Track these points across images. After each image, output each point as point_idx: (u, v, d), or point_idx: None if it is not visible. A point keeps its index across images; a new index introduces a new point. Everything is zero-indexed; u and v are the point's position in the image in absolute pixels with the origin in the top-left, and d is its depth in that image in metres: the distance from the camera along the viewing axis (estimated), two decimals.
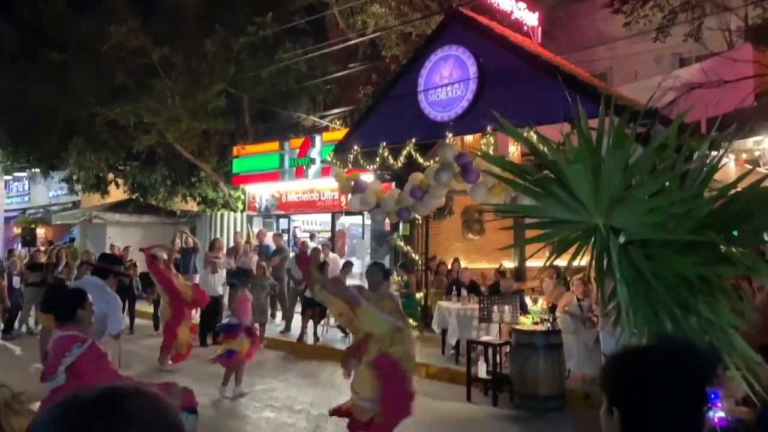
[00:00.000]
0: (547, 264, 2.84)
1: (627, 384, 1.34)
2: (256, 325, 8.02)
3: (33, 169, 19.24)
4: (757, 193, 2.26)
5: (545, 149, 2.72)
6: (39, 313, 3.32)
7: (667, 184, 2.35)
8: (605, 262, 2.56)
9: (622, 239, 2.48)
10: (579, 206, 2.53)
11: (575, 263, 2.70)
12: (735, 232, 2.34)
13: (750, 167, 10.20)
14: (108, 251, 14.27)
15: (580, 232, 2.61)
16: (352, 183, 10.30)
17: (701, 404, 1.32)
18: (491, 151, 8.83)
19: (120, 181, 17.15)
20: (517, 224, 4.03)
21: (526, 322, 7.51)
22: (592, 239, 2.60)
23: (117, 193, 17.76)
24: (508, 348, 7.59)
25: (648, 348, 1.39)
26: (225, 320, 7.79)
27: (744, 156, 10.48)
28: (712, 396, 2.89)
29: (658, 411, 1.28)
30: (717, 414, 2.67)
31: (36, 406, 5.21)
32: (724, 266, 2.25)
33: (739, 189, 2.43)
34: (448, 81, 9.68)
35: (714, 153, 2.70)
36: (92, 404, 0.88)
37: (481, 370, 7.50)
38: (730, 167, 8.88)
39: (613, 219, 2.44)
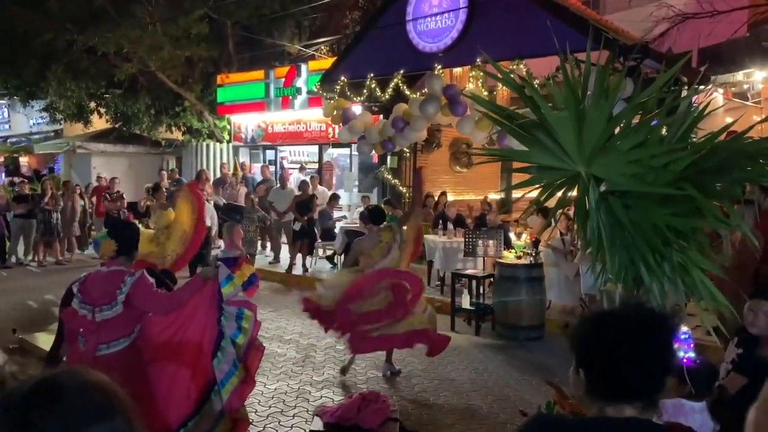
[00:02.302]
0: (532, 209, 2.91)
1: (595, 348, 1.42)
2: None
3: (12, 97, 18.73)
4: (737, 146, 2.29)
5: (531, 93, 2.71)
6: (107, 240, 3.55)
7: (649, 136, 2.37)
8: (586, 209, 2.63)
9: (603, 188, 2.53)
10: (563, 154, 2.55)
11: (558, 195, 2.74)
12: (717, 185, 2.39)
13: (737, 101, 10.21)
14: (95, 182, 14.21)
15: (564, 178, 2.65)
16: (341, 113, 10.20)
17: (665, 368, 1.41)
18: (480, 84, 8.73)
19: (102, 110, 16.79)
20: (505, 168, 4.09)
21: (509, 256, 7.69)
22: (576, 186, 2.65)
23: (100, 123, 17.44)
24: (491, 280, 7.81)
25: (616, 313, 1.46)
26: (218, 253, 7.83)
27: (732, 89, 10.43)
28: (685, 336, 3.04)
29: (624, 375, 1.37)
30: (686, 354, 2.82)
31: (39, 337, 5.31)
32: (699, 218, 2.31)
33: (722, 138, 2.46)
34: (437, 10, 9.42)
35: (702, 89, 2.70)
36: (27, 398, 0.92)
37: (465, 301, 7.74)
38: (717, 102, 8.88)
39: (594, 168, 2.48)
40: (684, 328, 2.88)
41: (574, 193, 2.66)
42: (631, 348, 1.36)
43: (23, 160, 20.63)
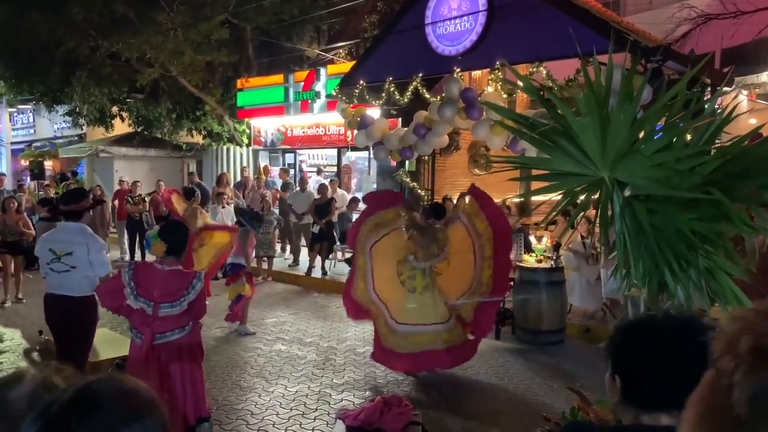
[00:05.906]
0: (553, 215, 2.90)
1: (633, 356, 1.42)
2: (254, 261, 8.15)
3: (37, 102, 19.10)
4: (763, 150, 2.27)
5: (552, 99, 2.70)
6: (158, 241, 3.72)
7: (675, 139, 2.36)
8: (609, 214, 2.62)
9: (627, 192, 2.51)
10: (585, 159, 2.54)
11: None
12: (743, 189, 2.36)
13: (762, 103, 10.06)
14: (117, 186, 14.44)
15: (587, 184, 2.64)
16: (358, 118, 10.25)
17: (698, 379, 1.40)
18: (499, 87, 8.70)
19: (124, 114, 17.05)
20: (523, 175, 4.07)
21: (529, 260, 7.65)
22: (598, 190, 2.64)
23: (122, 127, 17.70)
24: (511, 284, 7.77)
25: (654, 321, 1.45)
26: (230, 258, 7.89)
27: (757, 90, 10.28)
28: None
29: (661, 383, 1.36)
30: None
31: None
32: (724, 223, 2.29)
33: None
34: (456, 13, 9.41)
35: (727, 92, 2.68)
36: (66, 409, 0.98)
37: None
38: (742, 105, 8.75)
39: (618, 173, 2.47)
40: None
41: (595, 195, 2.65)
42: (670, 356, 1.36)
43: (47, 164, 21.03)
